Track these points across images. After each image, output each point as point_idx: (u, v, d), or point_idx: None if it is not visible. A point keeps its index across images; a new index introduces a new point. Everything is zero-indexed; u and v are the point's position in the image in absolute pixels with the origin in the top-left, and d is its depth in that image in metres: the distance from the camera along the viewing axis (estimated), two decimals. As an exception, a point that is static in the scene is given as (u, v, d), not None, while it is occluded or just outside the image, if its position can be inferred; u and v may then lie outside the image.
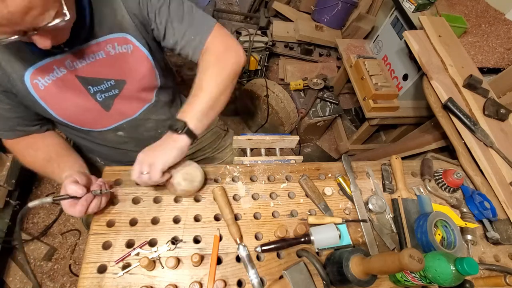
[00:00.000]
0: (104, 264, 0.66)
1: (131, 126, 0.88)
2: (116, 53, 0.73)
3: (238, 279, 0.68)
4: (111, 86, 0.77)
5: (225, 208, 0.73)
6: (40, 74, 0.67)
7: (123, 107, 0.83)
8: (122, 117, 0.85)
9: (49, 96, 0.70)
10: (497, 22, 1.46)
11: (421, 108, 1.74)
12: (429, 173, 0.91)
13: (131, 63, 0.77)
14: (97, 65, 0.73)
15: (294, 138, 0.99)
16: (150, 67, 0.80)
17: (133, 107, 0.86)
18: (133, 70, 0.78)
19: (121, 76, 0.77)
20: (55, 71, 0.68)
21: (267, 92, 1.88)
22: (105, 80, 0.76)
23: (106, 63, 0.73)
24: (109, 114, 0.82)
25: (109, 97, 0.79)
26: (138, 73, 0.79)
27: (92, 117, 0.81)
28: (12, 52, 0.63)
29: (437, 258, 0.61)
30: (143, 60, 0.78)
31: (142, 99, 0.86)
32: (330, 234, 0.71)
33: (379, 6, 2.32)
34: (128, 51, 0.75)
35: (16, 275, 1.42)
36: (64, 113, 0.76)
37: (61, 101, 0.73)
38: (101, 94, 0.77)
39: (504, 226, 0.85)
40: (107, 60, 0.73)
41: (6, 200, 1.38)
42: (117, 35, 0.72)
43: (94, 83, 0.75)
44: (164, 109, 0.94)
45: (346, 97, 2.54)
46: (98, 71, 0.74)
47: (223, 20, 2.24)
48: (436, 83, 1.08)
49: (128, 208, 0.74)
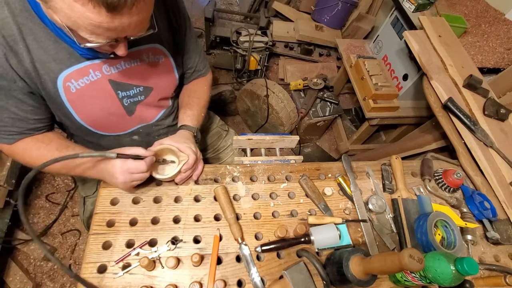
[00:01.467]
0: (104, 264, 0.66)
1: (146, 130, 0.91)
2: (150, 62, 0.77)
3: (238, 279, 0.68)
4: (138, 92, 0.80)
5: (227, 207, 0.73)
6: (75, 77, 0.67)
7: (144, 113, 0.86)
8: (141, 122, 0.88)
9: (78, 99, 0.70)
10: (497, 22, 1.46)
11: (421, 108, 1.74)
12: (429, 173, 0.91)
13: (160, 73, 0.81)
14: (131, 71, 0.75)
15: (294, 138, 0.99)
16: (174, 77, 0.86)
17: (153, 113, 0.89)
18: (160, 79, 0.82)
19: (150, 84, 0.81)
20: (90, 74, 0.69)
21: (267, 92, 1.88)
22: (135, 86, 0.78)
23: (139, 71, 0.76)
24: (130, 119, 0.84)
25: (134, 102, 0.81)
26: (164, 82, 0.84)
27: (114, 121, 0.81)
28: (50, 54, 0.62)
29: (437, 258, 0.61)
30: (170, 70, 0.84)
31: (161, 106, 0.90)
32: (330, 234, 0.71)
33: (379, 6, 2.32)
34: (159, 61, 0.79)
35: (16, 275, 1.42)
36: (88, 117, 0.75)
37: (89, 105, 0.73)
38: (128, 99, 0.79)
39: (504, 226, 0.85)
40: (141, 67, 0.76)
41: (6, 200, 1.38)
42: (153, 46, 0.76)
43: (125, 88, 0.76)
44: (174, 115, 0.97)
45: (346, 97, 2.54)
46: (131, 77, 0.76)
47: (223, 20, 2.24)
48: (436, 83, 1.08)
49: (128, 208, 0.74)
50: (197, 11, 2.85)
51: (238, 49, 2.09)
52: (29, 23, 0.58)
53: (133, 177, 0.68)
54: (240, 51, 2.09)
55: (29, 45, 0.59)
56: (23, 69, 0.60)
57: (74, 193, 1.74)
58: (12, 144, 0.70)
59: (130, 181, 0.69)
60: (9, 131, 0.68)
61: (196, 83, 0.98)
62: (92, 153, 0.60)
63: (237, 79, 2.34)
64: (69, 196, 1.72)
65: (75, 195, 1.73)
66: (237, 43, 2.06)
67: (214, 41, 2.12)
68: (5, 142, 0.70)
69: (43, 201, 1.68)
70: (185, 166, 0.75)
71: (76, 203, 1.72)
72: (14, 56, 0.58)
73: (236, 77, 2.33)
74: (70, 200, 1.72)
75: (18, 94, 0.63)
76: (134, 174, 0.67)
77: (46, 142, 0.72)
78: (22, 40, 0.58)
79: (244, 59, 2.15)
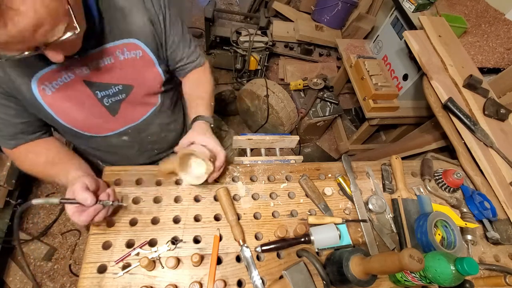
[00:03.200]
0: (104, 264, 0.66)
1: (135, 130, 0.89)
2: (125, 58, 0.74)
3: (238, 279, 0.68)
4: (118, 91, 0.78)
5: (229, 209, 0.73)
6: (48, 80, 0.66)
7: (130, 112, 0.84)
8: (128, 122, 0.86)
9: (56, 102, 0.70)
10: (497, 22, 1.46)
11: (421, 108, 1.74)
12: (429, 173, 0.91)
13: (139, 68, 0.78)
14: (105, 70, 0.73)
15: (294, 138, 0.99)
16: (157, 72, 0.82)
17: (139, 111, 0.87)
18: (141, 75, 0.79)
19: (129, 81, 0.78)
20: (63, 76, 0.68)
21: (267, 92, 1.88)
22: (113, 85, 0.76)
23: (114, 68, 0.74)
24: (115, 119, 0.82)
25: (116, 101, 0.79)
26: (146, 78, 0.81)
27: (98, 122, 0.80)
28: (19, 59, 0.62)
29: (437, 258, 0.61)
30: (151, 65, 0.80)
31: (148, 103, 0.88)
32: (330, 234, 0.71)
33: (379, 6, 2.32)
34: (137, 57, 0.76)
35: (16, 275, 1.42)
36: (70, 119, 0.75)
37: (68, 107, 0.72)
38: (108, 98, 0.77)
39: (504, 226, 0.85)
40: (116, 65, 0.74)
41: (6, 200, 1.38)
42: (127, 41, 0.73)
43: (102, 88, 0.75)
44: (167, 113, 0.95)
45: (346, 97, 2.54)
46: (106, 76, 0.74)
47: (223, 20, 2.24)
48: (436, 83, 1.08)
49: (128, 208, 0.73)
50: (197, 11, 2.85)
51: (238, 49, 2.09)
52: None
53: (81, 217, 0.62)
54: (240, 51, 2.09)
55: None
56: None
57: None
58: (12, 149, 0.75)
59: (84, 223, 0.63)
60: (4, 135, 0.72)
61: (197, 73, 0.96)
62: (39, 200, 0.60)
63: (237, 79, 2.34)
64: (69, 196, 1.72)
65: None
66: (237, 43, 2.06)
67: (214, 41, 2.12)
68: (6, 146, 0.75)
69: (43, 201, 1.68)
70: (218, 163, 0.73)
71: (76, 203, 1.72)
72: None
73: (236, 77, 2.33)
74: (70, 200, 1.71)
75: (1, 99, 0.65)
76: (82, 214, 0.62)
77: (36, 152, 0.75)
78: None
79: (244, 59, 2.15)
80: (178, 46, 0.86)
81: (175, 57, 0.88)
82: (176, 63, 0.90)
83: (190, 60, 0.92)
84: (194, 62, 0.94)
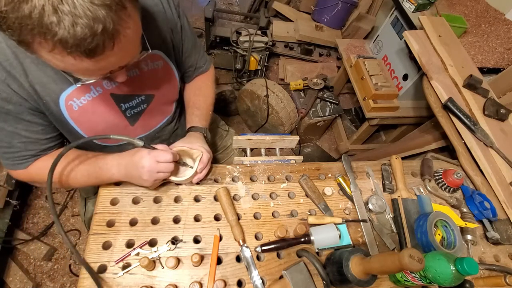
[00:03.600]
0: (104, 264, 0.66)
1: (149, 138, 0.90)
2: (149, 69, 0.75)
3: (238, 279, 0.68)
4: (140, 102, 0.79)
5: (229, 209, 0.73)
6: (77, 95, 0.66)
7: (146, 121, 0.85)
8: (144, 130, 0.87)
9: (82, 116, 0.69)
10: (497, 22, 1.46)
11: (421, 108, 1.74)
12: (429, 173, 0.91)
13: (160, 78, 0.79)
14: (131, 82, 0.73)
15: (294, 138, 0.99)
16: (176, 81, 0.84)
17: (155, 120, 0.88)
18: (161, 85, 0.81)
19: (151, 91, 0.79)
20: (92, 91, 0.68)
21: (267, 92, 1.88)
22: (136, 96, 0.77)
23: (139, 80, 0.74)
24: (132, 129, 0.83)
25: (138, 112, 0.80)
26: (166, 88, 0.83)
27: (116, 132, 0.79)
28: (50, 75, 0.61)
29: (437, 258, 0.61)
30: (171, 74, 0.82)
31: (164, 112, 0.89)
32: (330, 234, 0.71)
33: (379, 6, 2.32)
34: (159, 67, 0.77)
35: (16, 275, 1.42)
36: (92, 132, 0.74)
37: (92, 120, 0.72)
38: (131, 110, 0.78)
39: (504, 226, 0.85)
40: (140, 76, 0.74)
41: (6, 200, 1.38)
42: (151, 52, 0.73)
43: (126, 100, 0.75)
44: (176, 120, 0.97)
45: (346, 97, 2.54)
46: (131, 88, 0.74)
47: (223, 20, 2.24)
48: (436, 83, 1.08)
49: (128, 208, 0.73)
50: (197, 11, 2.85)
51: (238, 49, 2.09)
52: None
53: (159, 166, 0.66)
54: (240, 51, 2.09)
55: (26, 68, 0.57)
56: (25, 92, 0.59)
57: (74, 193, 1.74)
58: (28, 167, 0.68)
59: (156, 171, 0.66)
60: (22, 156, 0.67)
61: (200, 80, 0.97)
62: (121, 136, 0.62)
63: (237, 79, 2.34)
64: (69, 196, 1.72)
65: (75, 195, 1.73)
66: (237, 43, 2.06)
67: (214, 41, 2.12)
68: (20, 168, 0.68)
69: (43, 201, 1.68)
70: (200, 165, 0.75)
71: (76, 203, 1.72)
72: (13, 80, 0.57)
73: (236, 77, 2.33)
74: (70, 200, 1.72)
75: (26, 116, 0.62)
76: (160, 163, 0.66)
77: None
78: (19, 64, 0.56)
79: (244, 59, 2.15)
80: (191, 53, 0.88)
81: (188, 63, 0.90)
82: (187, 69, 0.92)
83: (199, 66, 0.94)
84: (201, 68, 0.95)
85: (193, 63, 0.91)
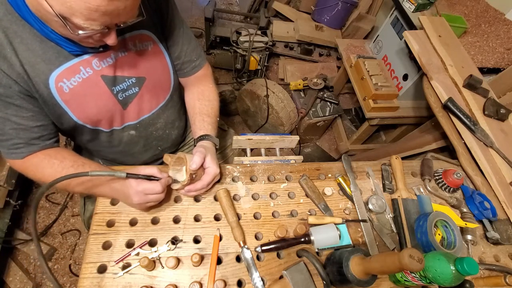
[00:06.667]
0: (104, 264, 0.66)
1: (143, 124, 0.89)
2: (137, 50, 0.75)
3: (238, 279, 0.68)
4: (132, 84, 0.78)
5: (229, 210, 0.73)
6: (66, 76, 0.65)
7: (140, 105, 0.84)
8: (138, 115, 0.86)
9: (73, 98, 0.69)
10: (497, 22, 1.46)
11: (421, 108, 1.74)
12: (429, 173, 0.91)
13: (150, 60, 0.78)
14: (120, 63, 0.72)
15: (294, 138, 0.99)
16: (166, 64, 0.83)
17: (149, 105, 0.86)
18: (152, 67, 0.79)
19: (142, 73, 0.78)
20: (81, 72, 0.67)
21: (267, 92, 1.88)
22: (126, 78, 0.76)
23: (128, 61, 0.74)
24: (125, 112, 0.82)
25: (129, 96, 0.79)
26: (157, 70, 0.81)
27: (109, 117, 0.79)
28: (38, 54, 0.61)
29: (437, 258, 0.61)
30: (161, 57, 0.81)
31: (158, 97, 0.88)
32: (330, 234, 0.71)
33: (379, 6, 2.32)
34: (148, 48, 0.77)
35: (16, 275, 1.42)
36: (85, 116, 0.74)
37: (84, 103, 0.71)
38: (122, 93, 0.77)
39: (504, 226, 0.85)
40: (129, 57, 0.74)
41: (6, 200, 1.38)
42: (139, 32, 0.74)
43: (117, 82, 0.75)
44: (173, 110, 0.95)
45: (346, 97, 2.54)
46: (121, 69, 0.74)
47: (223, 20, 2.24)
48: (436, 83, 1.08)
49: (128, 208, 0.73)
50: (197, 11, 2.85)
51: (238, 49, 2.09)
52: (14, 26, 0.57)
53: (148, 198, 0.67)
54: (240, 51, 2.09)
55: (16, 48, 0.58)
56: (15, 73, 0.59)
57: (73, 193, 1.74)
58: (23, 159, 0.68)
59: (145, 203, 0.68)
60: (15, 144, 0.66)
61: (200, 82, 0.95)
62: (101, 172, 0.60)
63: (237, 79, 2.34)
64: (69, 196, 1.72)
65: (75, 195, 1.73)
66: (237, 43, 2.06)
67: (214, 41, 2.12)
68: (15, 157, 0.68)
69: (43, 201, 1.68)
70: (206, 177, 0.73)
71: (76, 203, 1.72)
72: (4, 60, 0.57)
73: (236, 77, 2.33)
74: (70, 200, 1.72)
75: (16, 100, 0.62)
76: (149, 195, 0.66)
77: (59, 159, 0.70)
78: (8, 44, 0.57)
79: (244, 59, 2.15)
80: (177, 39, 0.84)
81: (174, 51, 0.86)
82: (175, 60, 0.89)
83: (189, 59, 0.89)
84: (194, 62, 0.91)
85: (180, 53, 0.87)
